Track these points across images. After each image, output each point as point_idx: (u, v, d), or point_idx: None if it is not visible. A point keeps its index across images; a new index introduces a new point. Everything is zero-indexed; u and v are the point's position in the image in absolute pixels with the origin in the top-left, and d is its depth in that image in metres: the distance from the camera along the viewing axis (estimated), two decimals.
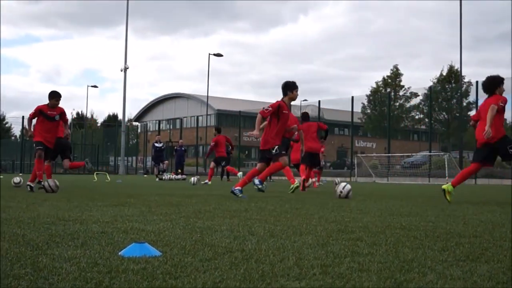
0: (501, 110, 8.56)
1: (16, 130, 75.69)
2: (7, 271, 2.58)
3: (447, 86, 49.73)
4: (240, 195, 9.11)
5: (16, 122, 74.13)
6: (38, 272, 2.56)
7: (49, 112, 11.14)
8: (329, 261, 2.95)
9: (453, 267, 2.86)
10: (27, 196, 8.71)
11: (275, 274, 2.60)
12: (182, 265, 2.79)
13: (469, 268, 2.83)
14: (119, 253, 3.07)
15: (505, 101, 8.61)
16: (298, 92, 10.05)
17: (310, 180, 15.67)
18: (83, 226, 4.48)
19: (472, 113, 36.44)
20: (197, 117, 56.71)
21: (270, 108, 9.63)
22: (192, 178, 18.95)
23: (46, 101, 11.26)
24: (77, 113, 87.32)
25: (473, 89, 35.53)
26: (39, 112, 11.15)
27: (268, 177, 27.20)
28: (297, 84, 10.08)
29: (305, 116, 15.49)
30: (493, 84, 8.79)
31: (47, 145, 11.24)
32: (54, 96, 11.19)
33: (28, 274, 2.52)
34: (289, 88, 9.98)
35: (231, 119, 60.37)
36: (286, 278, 2.50)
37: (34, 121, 11.51)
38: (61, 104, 11.28)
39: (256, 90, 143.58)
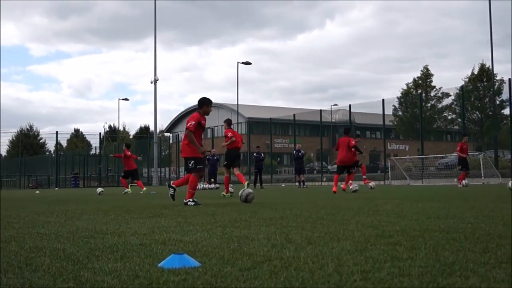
0: None
1: (50, 146, 76.71)
2: (50, 285, 2.62)
3: (479, 85, 49.06)
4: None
5: (50, 138, 74.98)
6: (80, 286, 2.59)
7: (203, 121, 10.50)
8: (369, 267, 2.93)
9: (496, 269, 2.82)
10: (66, 211, 8.81)
11: (315, 281, 2.59)
12: (222, 275, 2.79)
13: None
14: (159, 265, 3.08)
15: None
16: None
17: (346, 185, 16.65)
18: (122, 239, 4.51)
19: (506, 111, 36.01)
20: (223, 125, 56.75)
21: (193, 122, 10.25)
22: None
23: (78, 116, 11.03)
24: (109, 126, 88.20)
25: (505, 87, 35.02)
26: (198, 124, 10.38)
27: (301, 183, 27.08)
28: (322, 88, 10.46)
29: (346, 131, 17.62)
30: None
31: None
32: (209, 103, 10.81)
33: None
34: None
35: (262, 127, 60.44)
36: (326, 286, 2.49)
37: None
38: (93, 118, 11.23)
39: (285, 97, 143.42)
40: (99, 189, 16.96)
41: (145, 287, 2.54)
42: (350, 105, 40.60)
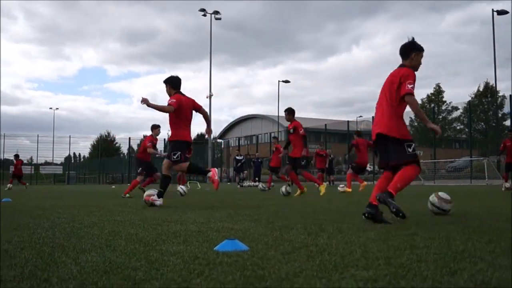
0: None
1: (124, 149, 77.84)
2: (126, 263, 2.65)
3: (484, 100, 48.07)
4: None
5: (123, 143, 76.07)
6: (151, 264, 2.62)
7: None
8: (391, 253, 2.89)
9: (500, 257, 2.75)
10: (136, 203, 8.91)
11: (345, 265, 2.56)
12: (267, 258, 2.78)
13: None
14: (214, 248, 3.10)
15: None
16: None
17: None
18: (183, 226, 4.54)
19: (507, 123, 35.13)
20: (270, 133, 56.90)
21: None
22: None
23: (147, 124, 10.83)
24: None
25: (507, 102, 34.17)
26: None
27: (331, 182, 26.79)
28: (349, 102, 10.04)
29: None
30: None
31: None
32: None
33: (143, 266, 2.58)
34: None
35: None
36: (355, 268, 2.47)
37: None
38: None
39: (317, 110, 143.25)
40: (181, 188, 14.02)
41: (204, 266, 2.55)
42: (373, 117, 40.33)
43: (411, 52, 5.21)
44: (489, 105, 45.11)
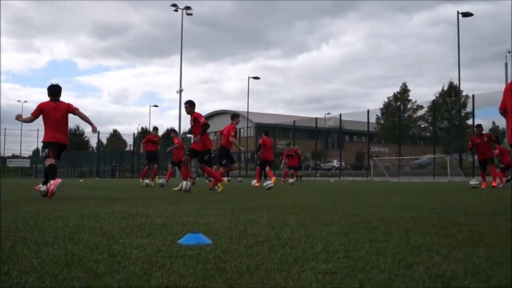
0: None
1: (93, 143, 76.88)
2: (88, 256, 2.62)
3: (447, 99, 48.89)
4: None
5: (93, 136, 75.14)
6: (113, 258, 2.59)
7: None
8: (351, 247, 2.92)
9: (456, 251, 2.80)
10: (103, 197, 8.82)
11: (306, 258, 2.58)
12: (229, 251, 2.79)
13: (469, 251, 2.77)
14: (178, 242, 3.09)
15: None
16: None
17: None
18: (149, 220, 4.51)
19: (470, 121, 35.82)
20: (239, 129, 56.90)
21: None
22: (239, 178, 19.34)
23: (116, 119, 10.61)
24: (142, 128, 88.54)
25: (470, 101, 34.83)
26: None
27: (298, 178, 27.01)
28: (318, 99, 10.11)
29: None
30: None
31: None
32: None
33: (105, 259, 2.55)
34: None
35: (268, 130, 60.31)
36: (316, 261, 2.49)
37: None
38: (128, 120, 11.04)
39: (287, 106, 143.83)
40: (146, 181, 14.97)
41: (166, 259, 2.54)
42: (340, 114, 41.18)
43: None
44: (453, 104, 45.90)
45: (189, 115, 11.19)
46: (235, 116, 13.34)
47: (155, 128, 19.55)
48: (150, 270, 2.29)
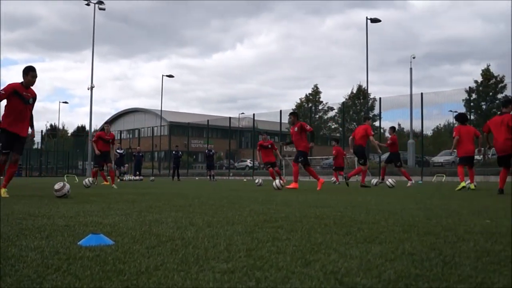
0: None
1: None
2: None
3: (356, 102, 50.70)
4: None
5: None
6: (6, 261, 2.48)
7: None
8: (253, 246, 2.96)
9: (353, 248, 2.91)
10: (4, 197, 8.39)
11: (207, 257, 2.59)
12: (130, 252, 2.74)
13: (365, 248, 2.89)
14: (78, 243, 3.00)
15: None
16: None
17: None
18: (50, 221, 4.35)
19: (377, 123, 37.30)
20: (153, 128, 56.11)
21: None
22: (151, 178, 18.95)
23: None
24: (50, 125, 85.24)
25: (377, 104, 36.31)
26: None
27: (211, 177, 26.92)
28: (233, 99, 10.19)
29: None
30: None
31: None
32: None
33: None
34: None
35: (181, 129, 59.77)
36: (216, 261, 2.50)
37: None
38: (36, 117, 10.05)
39: (202, 105, 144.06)
40: (86, 180, 13.40)
41: (63, 261, 2.46)
42: (254, 114, 41.74)
43: None
44: (361, 107, 47.60)
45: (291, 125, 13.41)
46: (367, 118, 16.32)
47: (107, 123, 16.79)
48: (44, 272, 2.21)
